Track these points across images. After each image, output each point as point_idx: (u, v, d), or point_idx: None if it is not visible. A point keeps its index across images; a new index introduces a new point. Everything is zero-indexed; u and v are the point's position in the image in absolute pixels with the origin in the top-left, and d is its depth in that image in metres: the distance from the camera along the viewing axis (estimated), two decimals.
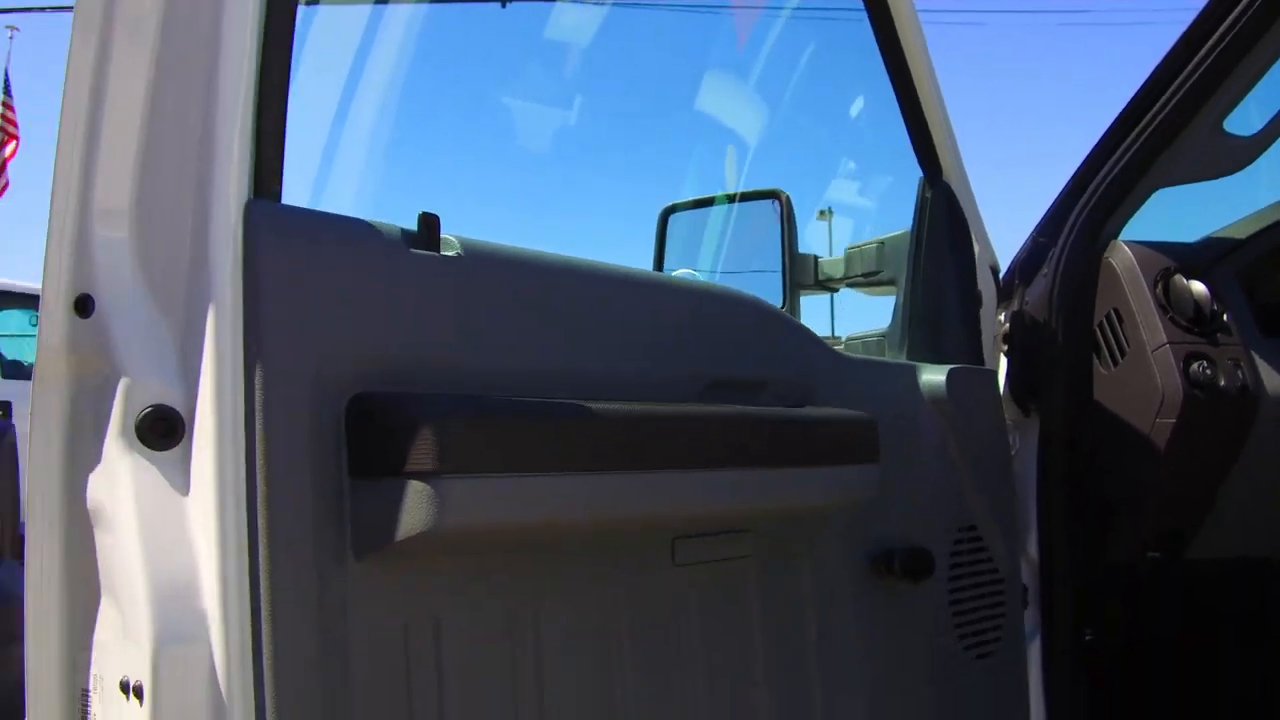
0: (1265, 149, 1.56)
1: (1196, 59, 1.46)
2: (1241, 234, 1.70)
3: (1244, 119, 1.54)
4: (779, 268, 1.68)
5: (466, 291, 0.89)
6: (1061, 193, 1.65)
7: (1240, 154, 1.55)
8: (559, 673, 0.90)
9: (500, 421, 0.82)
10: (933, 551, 1.30)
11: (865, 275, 1.65)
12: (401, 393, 0.80)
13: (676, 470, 0.96)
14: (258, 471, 0.74)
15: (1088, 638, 1.64)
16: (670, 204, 1.76)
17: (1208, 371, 1.53)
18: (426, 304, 0.86)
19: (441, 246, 0.88)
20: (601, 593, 0.95)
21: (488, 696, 0.86)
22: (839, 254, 1.74)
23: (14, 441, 2.76)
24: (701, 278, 1.72)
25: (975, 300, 1.56)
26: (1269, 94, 1.51)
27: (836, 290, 1.73)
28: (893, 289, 1.62)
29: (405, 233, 0.86)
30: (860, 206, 1.93)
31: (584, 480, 0.87)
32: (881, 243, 1.63)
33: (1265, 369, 1.58)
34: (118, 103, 0.78)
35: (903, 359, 1.54)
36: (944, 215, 1.53)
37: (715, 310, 1.15)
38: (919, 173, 1.58)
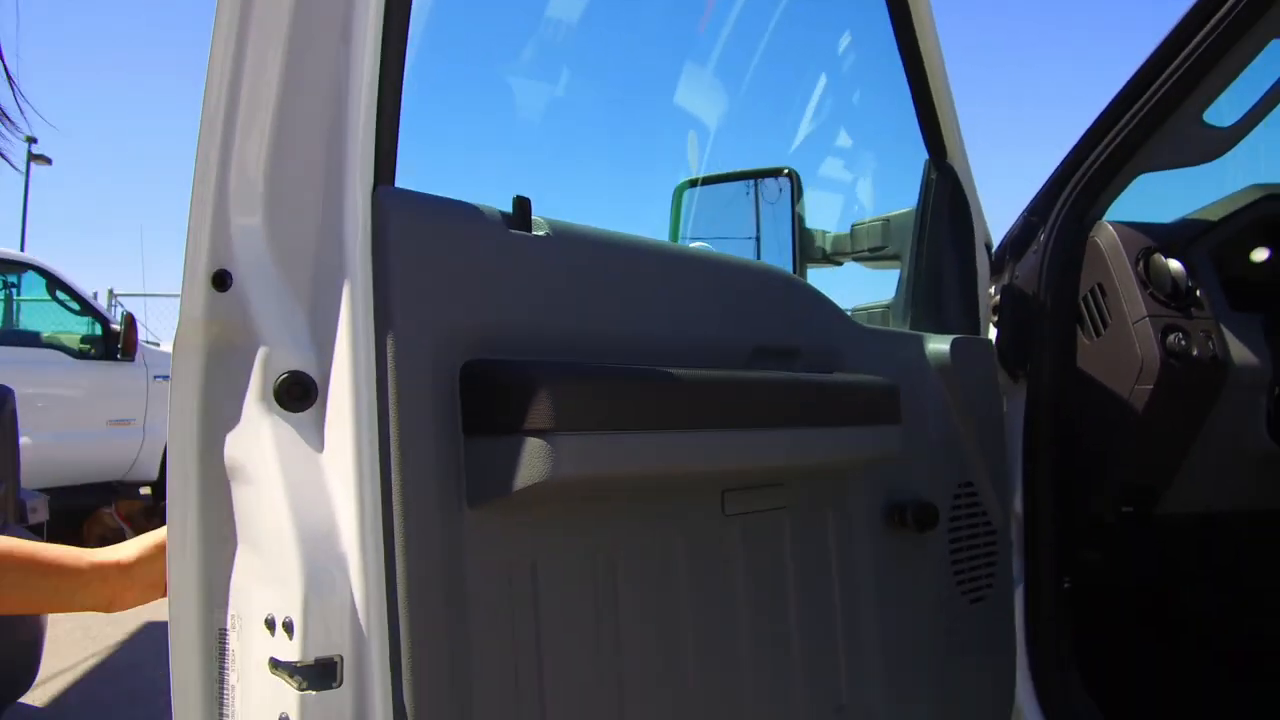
0: (1240, 139, 1.68)
1: (1180, 56, 1.57)
2: (1214, 216, 1.81)
3: (1221, 112, 1.65)
4: (788, 241, 1.78)
5: (554, 267, 0.98)
6: (1052, 176, 1.76)
7: (1217, 143, 1.66)
8: (629, 605, 1.01)
9: (599, 385, 0.92)
10: (935, 505, 1.42)
11: (871, 250, 1.75)
12: (513, 360, 0.89)
13: (731, 430, 1.06)
14: (390, 430, 0.83)
15: (1066, 585, 1.77)
16: (686, 179, 1.85)
17: (1182, 342, 1.66)
18: (522, 279, 0.95)
19: (533, 227, 0.97)
20: (664, 537, 1.06)
21: (575, 623, 0.96)
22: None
23: (14, 409, 2.78)
24: (714, 248, 1.81)
25: (974, 275, 1.67)
26: (1244, 90, 1.62)
27: (841, 264, 1.83)
28: (897, 263, 1.72)
29: (504, 214, 0.95)
30: (864, 183, 2.02)
31: (662, 437, 0.97)
32: (887, 219, 1.73)
33: (1233, 340, 1.71)
34: (252, 94, 0.85)
35: (906, 329, 1.66)
36: (948, 195, 1.64)
37: (758, 284, 1.25)
38: (920, 153, 1.69)
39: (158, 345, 7.05)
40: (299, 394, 0.86)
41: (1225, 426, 1.72)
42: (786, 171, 1.78)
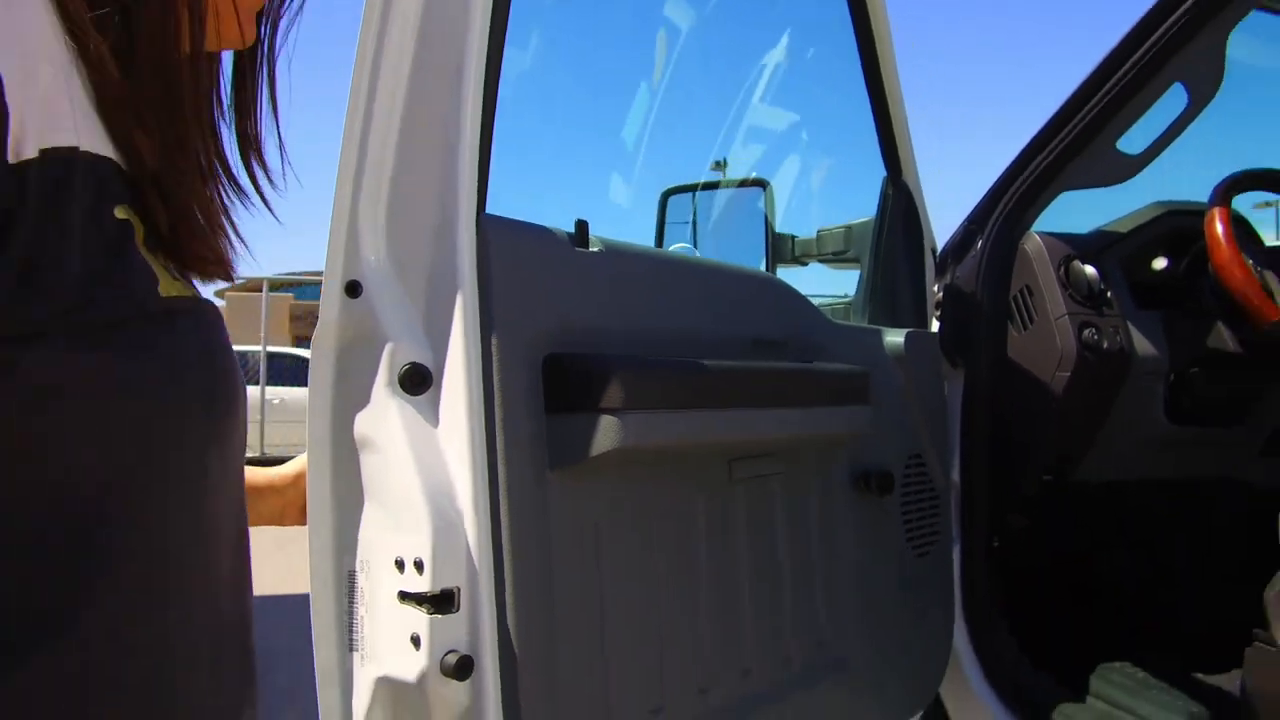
0: (1147, 165, 1.96)
1: (1099, 94, 1.84)
2: (1123, 229, 2.10)
3: (1132, 141, 1.93)
4: (762, 243, 2.01)
5: (605, 277, 1.20)
6: (988, 192, 2.02)
7: (1129, 168, 1.93)
8: (662, 547, 1.24)
9: (654, 374, 1.15)
10: (893, 473, 1.69)
11: (834, 253, 2.00)
12: (584, 353, 1.12)
13: (740, 409, 1.30)
14: (495, 409, 1.05)
15: (996, 544, 2.05)
16: (670, 186, 2.06)
17: (1095, 337, 1.94)
18: (583, 287, 1.17)
19: (589, 245, 1.19)
20: (687, 496, 1.29)
21: (625, 560, 1.19)
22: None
23: None
24: (696, 251, 2.04)
25: (923, 276, 1.93)
26: (1151, 124, 1.90)
27: (807, 264, 2.07)
28: (857, 265, 1.97)
29: (569, 235, 1.17)
30: (829, 193, 2.27)
31: (697, 415, 1.20)
32: (849, 227, 1.98)
33: (1137, 335, 2.00)
34: (381, 131, 1.05)
35: (865, 323, 1.91)
36: (902, 208, 1.89)
37: (754, 287, 1.48)
38: (878, 170, 1.94)
39: None
40: (418, 381, 1.07)
41: (1129, 408, 2.00)
42: (763, 182, 2.01)
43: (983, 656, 1.98)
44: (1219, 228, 1.85)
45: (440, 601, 1.03)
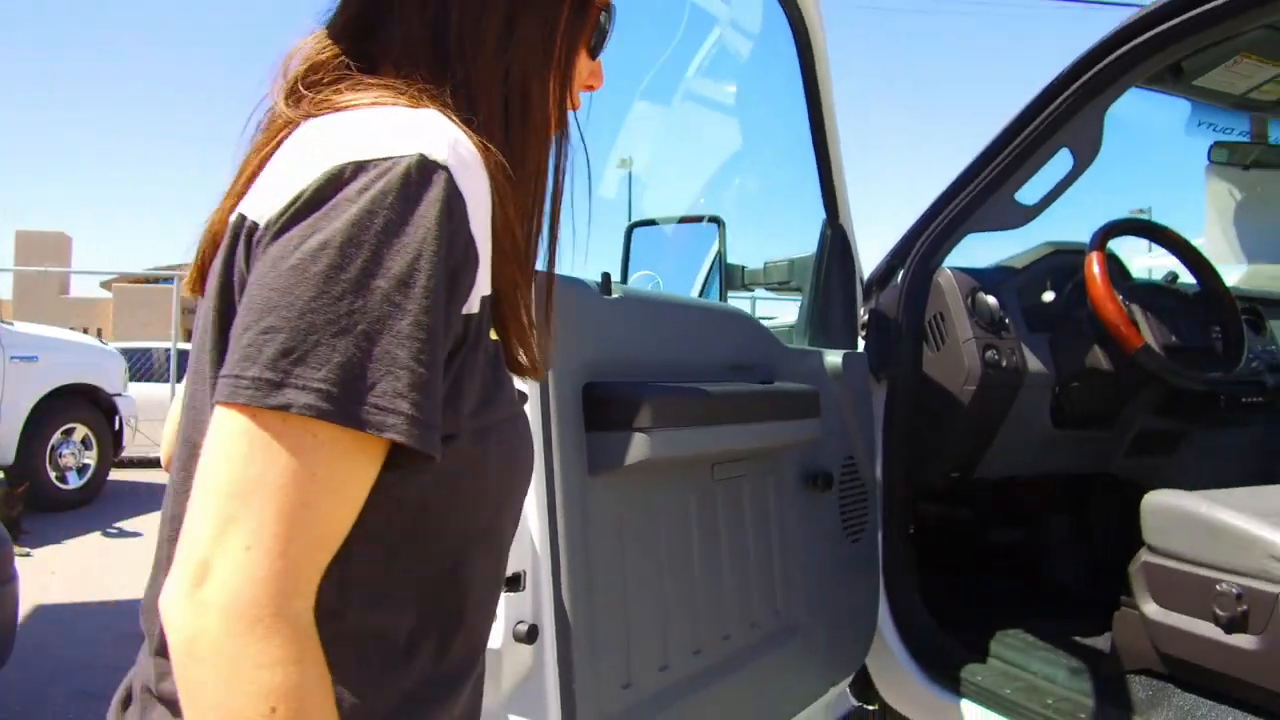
0: (1039, 213, 2.31)
1: (1001, 154, 2.19)
2: (1019, 265, 2.46)
3: (1027, 194, 2.27)
4: (716, 273, 2.31)
5: (625, 319, 1.49)
6: (907, 232, 2.35)
7: (1024, 216, 2.26)
8: (666, 538, 1.53)
9: (672, 399, 1.44)
10: (832, 473, 2.01)
11: (779, 283, 2.31)
12: (619, 382, 1.41)
13: (729, 424, 1.60)
14: (551, 426, 1.33)
15: (911, 530, 2.39)
16: (635, 220, 2.34)
17: (996, 356, 2.29)
18: (610, 327, 1.46)
19: (612, 292, 1.47)
20: (682, 494, 1.59)
21: (641, 543, 1.47)
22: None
23: None
24: (659, 280, 2.33)
25: (855, 305, 2.26)
26: (1043, 180, 2.26)
27: (753, 290, 2.38)
28: (799, 294, 2.29)
29: (596, 284, 1.45)
30: (775, 229, 2.57)
31: (703, 431, 1.50)
32: (792, 260, 2.30)
33: (1029, 354, 2.35)
34: None
35: (806, 344, 2.23)
36: (838, 246, 2.22)
37: (727, 319, 1.79)
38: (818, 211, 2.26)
39: (11, 325, 6.90)
40: None
41: (1021, 415, 2.36)
42: (717, 219, 2.30)
43: (901, 626, 2.31)
44: (1095, 268, 2.23)
45: (511, 583, 1.31)
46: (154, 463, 10.45)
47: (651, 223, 2.35)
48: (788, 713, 1.91)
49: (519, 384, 0.80)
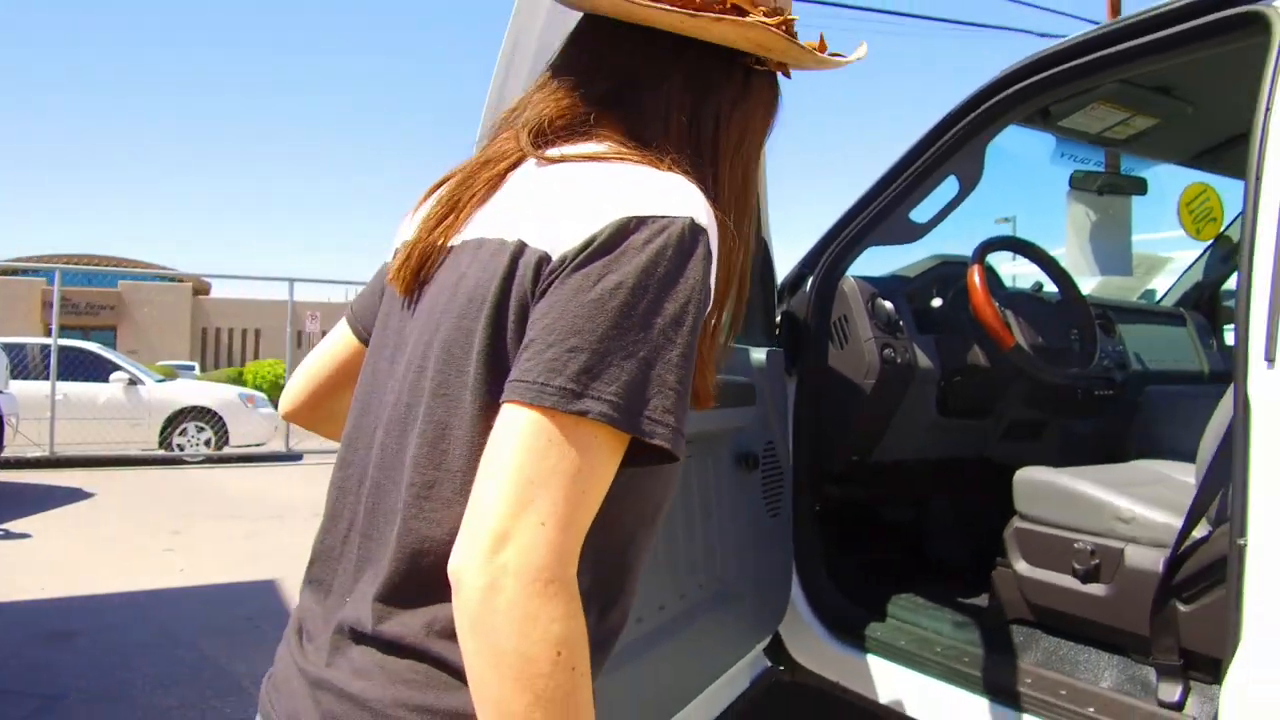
0: (930, 230, 2.65)
1: (898, 180, 2.51)
2: (911, 274, 2.80)
3: (919, 213, 2.61)
4: None
5: None
6: (815, 244, 2.67)
7: (917, 232, 2.59)
8: None
9: None
10: (758, 454, 2.30)
11: None
12: None
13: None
14: None
15: (817, 508, 2.70)
16: None
17: (891, 354, 2.61)
18: None
19: None
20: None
21: None
22: None
23: None
24: None
25: (773, 308, 2.55)
26: (933, 202, 2.60)
27: None
28: None
29: None
30: None
31: None
32: None
33: (919, 352, 2.68)
34: None
35: (733, 342, 2.52)
36: (762, 258, 2.51)
37: None
38: None
39: None
40: None
41: (912, 406, 2.68)
42: None
43: (808, 593, 2.59)
44: (976, 279, 2.58)
45: None
46: (36, 463, 10.10)
47: None
48: (716, 672, 2.18)
49: None
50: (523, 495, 0.70)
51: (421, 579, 0.80)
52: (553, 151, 0.87)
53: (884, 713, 2.38)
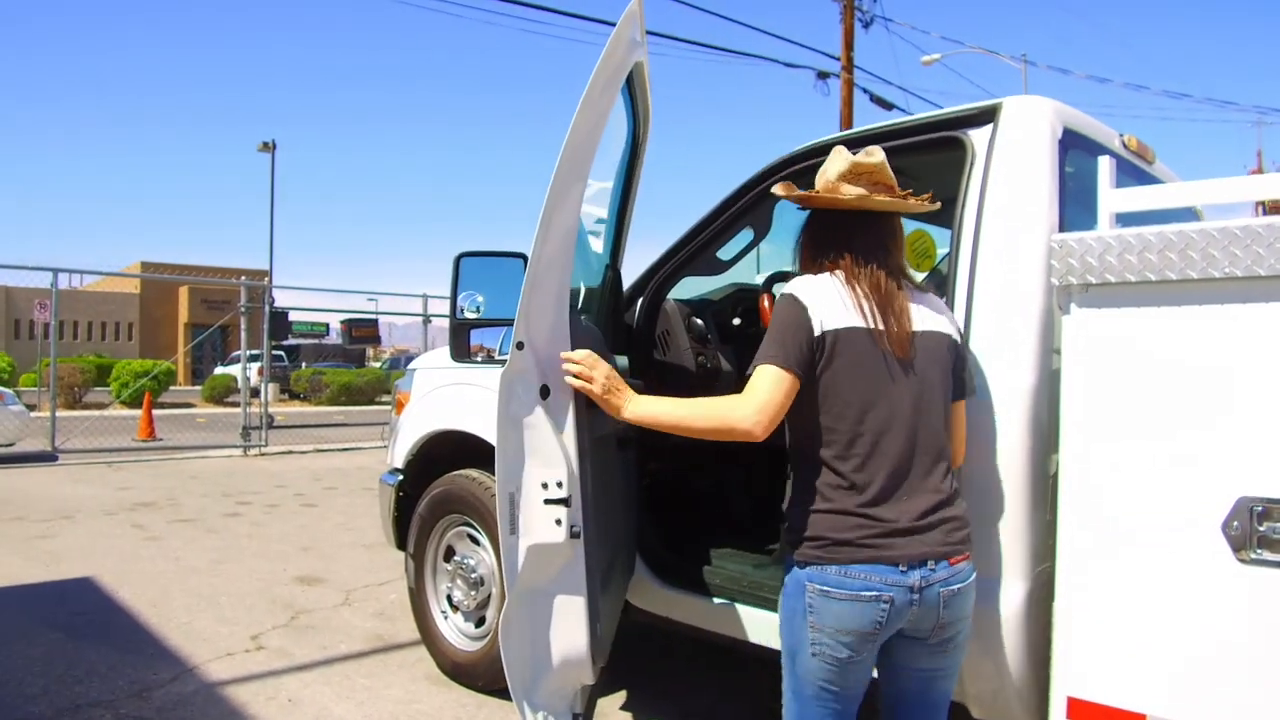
0: (733, 265, 3.44)
1: (711, 226, 3.26)
2: (716, 298, 3.58)
3: (725, 251, 3.39)
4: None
5: (596, 339, 2.39)
6: (644, 272, 3.38)
7: (722, 267, 3.38)
8: (606, 487, 2.43)
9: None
10: (632, 437, 2.99)
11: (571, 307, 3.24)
12: None
13: None
14: (582, 408, 2.22)
15: (646, 482, 3.41)
16: (463, 251, 2.85)
17: (704, 360, 3.38)
18: (599, 344, 2.35)
19: (584, 317, 2.37)
20: (608, 459, 2.48)
21: (602, 484, 2.36)
22: None
23: None
24: (479, 298, 3.13)
25: (621, 323, 3.24)
26: (734, 245, 3.39)
27: None
28: (588, 315, 3.23)
29: (594, 322, 2.33)
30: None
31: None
32: (580, 288, 3.23)
33: (722, 360, 3.44)
34: (532, 275, 2.17)
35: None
36: (613, 284, 3.18)
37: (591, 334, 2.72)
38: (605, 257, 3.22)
39: None
40: (545, 392, 2.19)
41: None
42: (522, 255, 3.10)
43: (641, 548, 3.32)
44: (766, 303, 3.40)
45: (569, 501, 2.18)
46: None
47: (478, 254, 2.90)
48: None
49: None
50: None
51: (948, 470, 2.00)
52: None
53: (704, 635, 3.11)
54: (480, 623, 3.68)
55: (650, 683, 3.77)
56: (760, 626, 2.95)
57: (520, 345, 2.20)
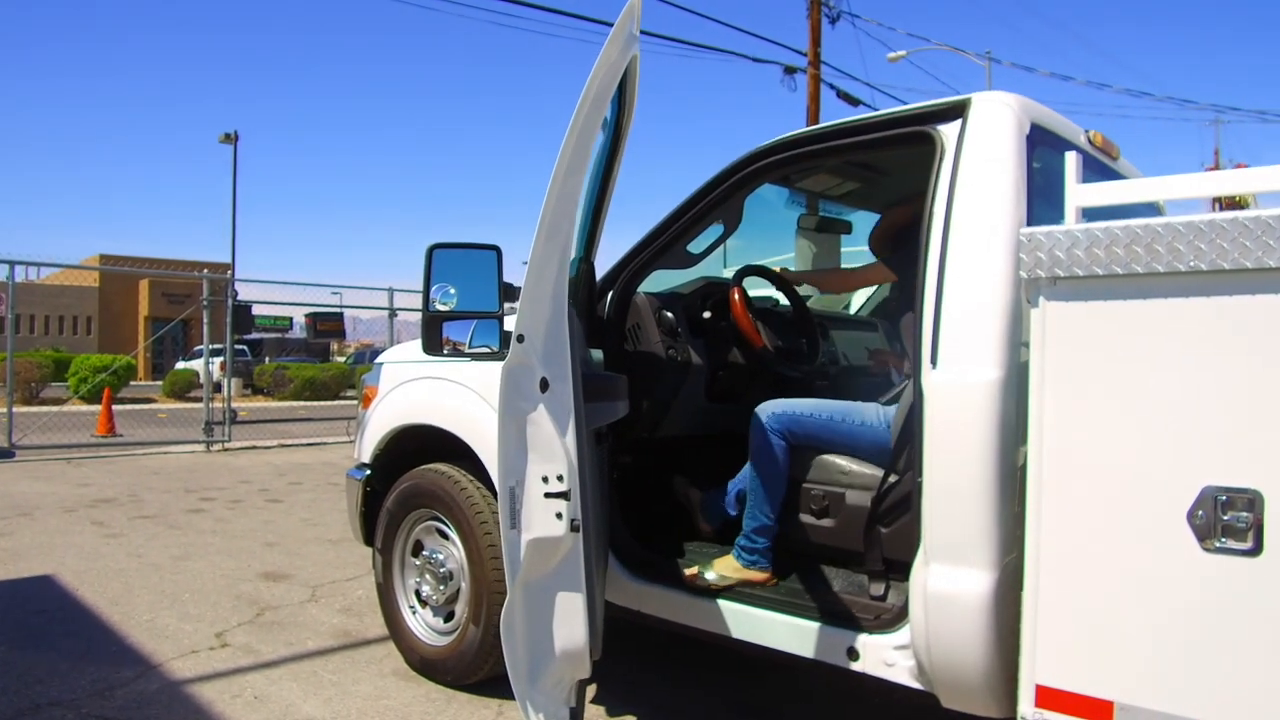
0: (702, 259, 3.44)
1: (680, 220, 3.25)
2: (685, 291, 3.58)
3: (695, 245, 3.40)
4: (496, 289, 3.11)
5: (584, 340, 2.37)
6: (615, 265, 3.38)
7: (692, 260, 3.39)
8: (593, 479, 2.42)
9: (609, 386, 2.36)
10: (606, 432, 2.98)
11: None
12: (599, 374, 2.30)
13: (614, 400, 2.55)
14: (580, 402, 2.20)
15: (615, 475, 3.41)
16: (435, 242, 2.82)
17: (674, 353, 3.37)
18: (590, 343, 2.34)
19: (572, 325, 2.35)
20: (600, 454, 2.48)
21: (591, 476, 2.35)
22: None
23: None
24: (452, 290, 3.10)
25: (595, 317, 3.24)
26: (704, 238, 3.39)
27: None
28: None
29: (587, 326, 2.32)
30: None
31: (615, 404, 2.43)
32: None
33: (693, 352, 3.44)
34: (532, 278, 2.15)
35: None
36: (586, 278, 3.17)
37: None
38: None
39: None
40: (545, 387, 2.17)
41: (687, 393, 3.44)
42: (495, 247, 3.08)
43: (612, 542, 3.32)
44: (736, 296, 3.41)
45: (569, 495, 2.17)
46: None
47: (451, 246, 2.90)
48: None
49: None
50: None
51: None
52: None
53: (674, 628, 3.12)
54: (449, 618, 3.66)
55: (621, 677, 3.77)
56: (731, 620, 2.96)
57: (520, 338, 2.19)
